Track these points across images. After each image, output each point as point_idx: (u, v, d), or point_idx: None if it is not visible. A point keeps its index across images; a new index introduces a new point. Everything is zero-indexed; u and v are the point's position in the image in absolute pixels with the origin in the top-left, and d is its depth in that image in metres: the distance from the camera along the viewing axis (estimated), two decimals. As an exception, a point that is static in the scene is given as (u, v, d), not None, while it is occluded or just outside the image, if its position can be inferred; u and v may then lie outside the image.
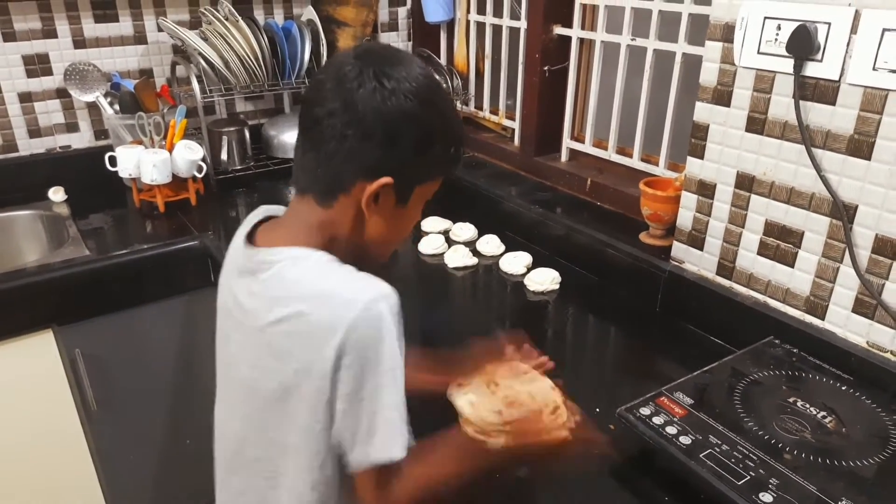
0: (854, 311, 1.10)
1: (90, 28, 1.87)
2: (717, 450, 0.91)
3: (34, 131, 1.88)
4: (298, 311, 0.73)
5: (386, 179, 0.75)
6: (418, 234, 1.76)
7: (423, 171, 0.79)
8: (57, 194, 1.85)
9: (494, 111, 2.09)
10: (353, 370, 0.71)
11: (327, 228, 0.79)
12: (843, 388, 1.06)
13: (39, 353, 1.52)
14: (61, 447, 1.62)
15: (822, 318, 1.14)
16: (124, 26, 1.92)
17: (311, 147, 0.77)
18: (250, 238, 0.83)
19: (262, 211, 0.87)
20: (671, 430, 0.95)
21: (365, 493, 0.76)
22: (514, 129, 2.00)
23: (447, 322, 1.41)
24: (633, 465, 0.99)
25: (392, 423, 0.73)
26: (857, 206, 1.05)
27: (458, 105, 2.10)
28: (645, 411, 0.99)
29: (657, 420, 0.97)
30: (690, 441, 0.93)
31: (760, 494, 0.84)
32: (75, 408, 1.60)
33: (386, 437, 0.73)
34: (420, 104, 0.74)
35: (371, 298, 0.71)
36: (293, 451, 0.78)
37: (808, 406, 1.01)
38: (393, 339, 0.72)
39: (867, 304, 1.08)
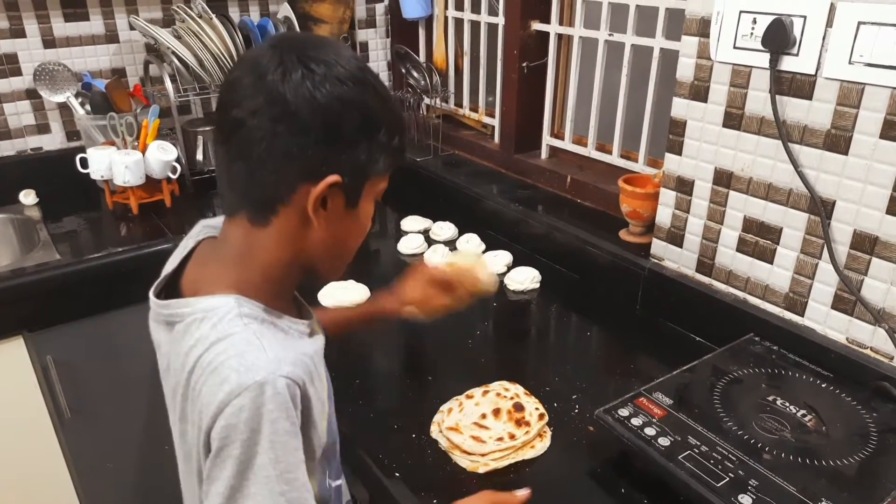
0: (833, 307, 1.09)
1: (60, 27, 1.83)
2: (697, 451, 0.90)
3: (4, 133, 1.84)
4: (192, 378, 0.65)
5: (333, 178, 0.66)
6: (398, 234, 1.73)
7: (372, 164, 0.69)
8: (28, 197, 1.81)
9: (474, 108, 2.07)
10: (221, 462, 0.62)
11: (266, 252, 0.70)
12: (823, 385, 1.05)
13: (10, 360, 1.49)
14: (35, 456, 1.58)
15: (802, 315, 1.14)
16: (95, 25, 1.88)
17: (237, 156, 0.66)
18: (184, 263, 0.77)
19: (200, 227, 0.80)
20: (650, 431, 0.94)
21: None
22: (493, 127, 1.98)
23: (426, 323, 1.38)
24: (612, 467, 0.98)
25: None
26: (834, 202, 1.04)
27: (437, 102, 2.07)
28: (623, 412, 0.97)
29: (636, 421, 0.96)
30: (669, 442, 0.92)
31: (740, 496, 0.82)
32: (48, 415, 1.57)
33: None
34: (357, 87, 0.65)
35: (253, 382, 0.61)
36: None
37: (787, 405, 1.00)
38: (271, 434, 0.62)
39: (846, 301, 1.07)
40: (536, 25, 1.75)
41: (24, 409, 1.53)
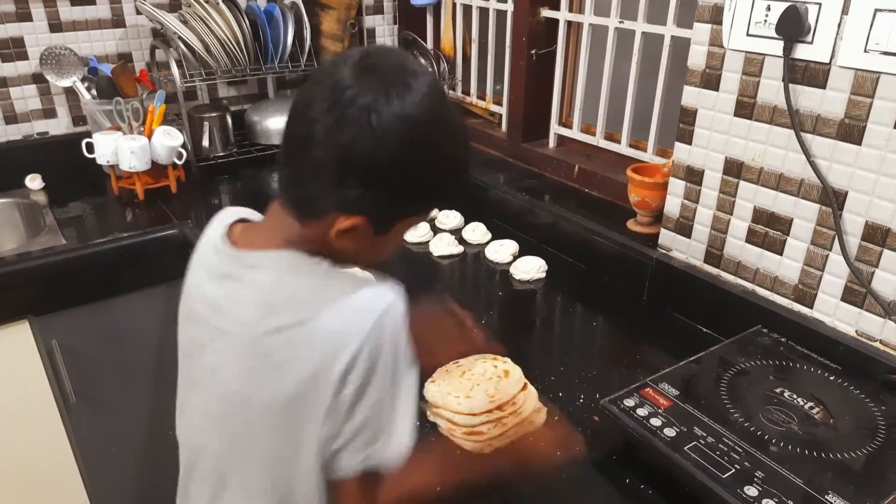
0: (843, 299, 1.08)
1: (66, 11, 1.82)
2: (702, 442, 0.90)
3: (10, 117, 1.84)
4: (300, 319, 0.68)
5: (357, 220, 0.69)
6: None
7: (410, 209, 0.73)
8: (34, 182, 1.81)
9: (482, 96, 2.05)
10: (364, 382, 0.67)
11: (304, 243, 0.73)
12: (832, 377, 1.04)
13: (15, 344, 1.49)
14: (41, 440, 1.59)
15: (811, 307, 1.12)
16: (101, 9, 1.87)
17: (291, 160, 0.71)
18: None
19: (233, 213, 0.81)
20: (655, 421, 0.93)
21: (349, 500, 0.73)
22: (501, 115, 1.97)
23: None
24: (616, 457, 0.97)
25: (402, 432, 0.71)
26: (846, 193, 1.03)
27: (446, 90, 2.06)
28: (629, 402, 0.97)
29: (641, 412, 0.95)
30: (675, 433, 0.91)
31: (745, 488, 0.82)
32: (54, 400, 1.57)
33: (390, 443, 0.70)
34: (415, 146, 0.66)
35: (384, 310, 0.67)
36: (284, 462, 0.72)
37: (795, 396, 0.99)
38: (405, 348, 0.69)
39: (856, 293, 1.06)
40: (546, 12, 1.73)
41: (29, 394, 1.54)
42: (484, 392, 0.97)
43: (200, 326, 0.77)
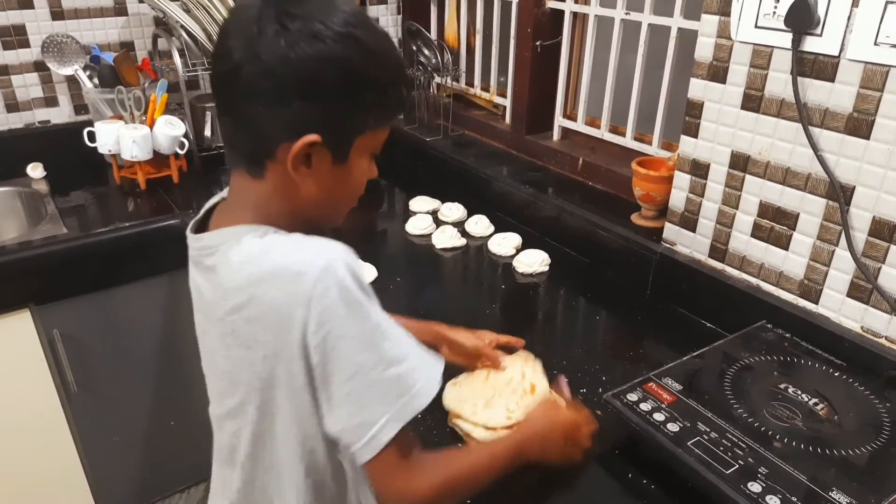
0: (849, 295, 1.07)
1: (68, -2, 1.81)
2: (706, 437, 0.89)
3: (11, 105, 1.83)
4: (251, 294, 0.66)
5: (311, 137, 0.65)
6: (406, 214, 1.72)
7: (358, 121, 0.68)
8: (35, 171, 1.80)
9: (485, 88, 2.04)
10: (326, 350, 0.64)
11: (265, 202, 0.70)
12: (836, 374, 1.03)
13: (17, 333, 1.49)
14: (42, 429, 1.59)
15: (816, 303, 1.12)
16: (104, -3, 1.85)
17: (223, 110, 0.68)
18: (203, 227, 0.77)
19: (217, 196, 0.80)
20: (659, 416, 0.92)
21: (386, 479, 0.69)
22: (505, 107, 1.95)
23: (434, 305, 1.37)
24: (619, 451, 0.97)
25: (398, 380, 0.66)
26: (854, 187, 1.02)
27: (448, 81, 2.04)
28: (632, 397, 0.96)
29: (645, 406, 0.94)
30: (678, 428, 0.90)
31: (749, 483, 0.81)
32: (55, 389, 1.57)
33: (392, 399, 0.65)
34: (338, 43, 0.63)
35: (323, 267, 0.63)
36: (281, 439, 0.73)
37: (799, 393, 0.98)
38: (359, 301, 0.64)
39: (862, 289, 1.05)
40: (551, 3, 1.71)
41: (30, 383, 1.54)
42: (504, 407, 0.96)
43: (197, 310, 0.79)
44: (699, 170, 1.23)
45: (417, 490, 0.69)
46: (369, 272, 1.41)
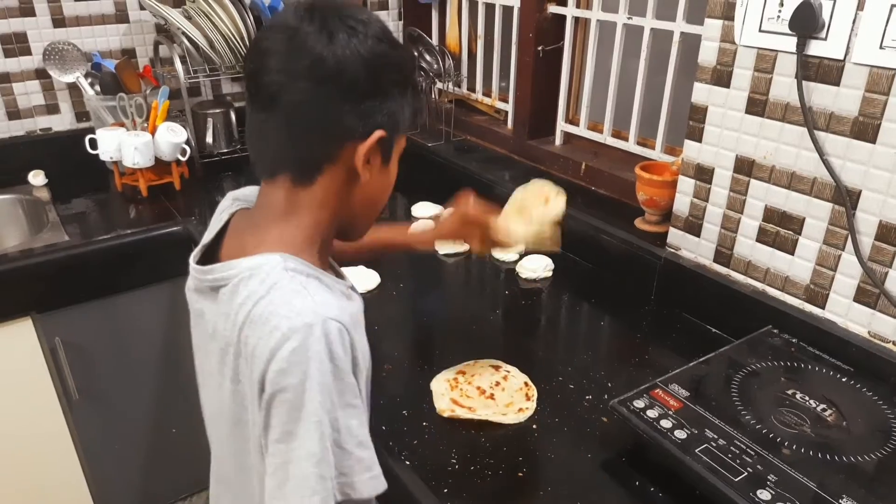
0: (856, 300, 1.06)
1: (69, 6, 1.81)
2: (714, 444, 0.88)
3: (13, 113, 1.83)
4: (243, 334, 0.66)
5: (380, 133, 0.68)
6: (408, 220, 1.71)
7: (403, 119, 0.72)
8: (37, 178, 1.80)
9: (487, 93, 2.04)
10: (274, 409, 0.63)
11: (308, 211, 0.70)
12: (844, 379, 1.02)
13: (18, 341, 1.48)
14: (44, 437, 1.58)
15: (823, 308, 1.11)
16: (105, 4, 1.85)
17: (279, 120, 0.67)
18: (220, 238, 0.77)
19: (230, 200, 0.80)
20: (666, 423, 0.92)
21: None
22: (507, 112, 1.95)
23: (436, 311, 1.37)
24: (626, 458, 0.96)
25: (304, 479, 0.62)
26: (860, 192, 1.01)
27: (450, 86, 2.04)
28: (639, 404, 0.95)
29: (651, 413, 0.94)
30: (686, 435, 0.90)
31: (758, 491, 0.81)
32: (57, 397, 1.56)
33: (294, 494, 0.62)
34: (392, 45, 0.68)
35: (302, 325, 0.62)
36: (257, 473, 0.72)
37: (807, 398, 0.97)
38: (320, 377, 0.62)
39: (869, 293, 1.04)
40: (553, 8, 1.71)
41: (32, 390, 1.53)
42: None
43: (197, 329, 0.78)
44: (703, 174, 1.23)
45: None
46: (372, 279, 1.41)
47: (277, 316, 0.63)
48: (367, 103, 0.67)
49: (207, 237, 0.79)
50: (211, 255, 0.77)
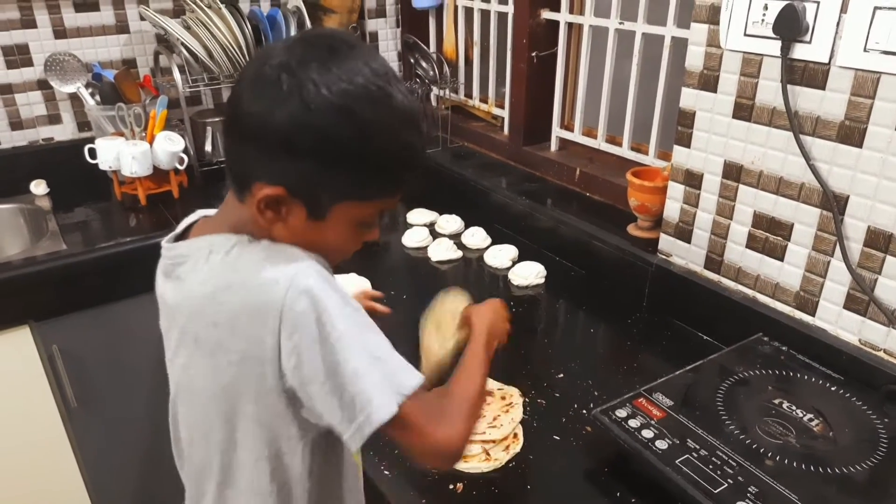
0: (846, 307, 1.04)
1: (70, 18, 1.83)
2: (695, 455, 0.87)
3: (16, 123, 1.85)
4: (221, 300, 0.68)
5: (275, 189, 0.66)
6: (402, 227, 1.71)
7: (336, 190, 0.67)
8: (39, 187, 1.82)
9: (484, 99, 2.03)
10: (303, 353, 0.65)
11: (245, 223, 0.72)
12: (833, 388, 1.01)
13: (16, 349, 1.50)
14: (42, 445, 1.60)
15: (813, 315, 1.09)
16: (105, 15, 1.88)
17: (224, 134, 0.72)
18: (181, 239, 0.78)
19: (197, 214, 0.82)
20: (647, 433, 0.91)
21: (414, 442, 0.68)
22: (504, 118, 1.95)
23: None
24: (608, 469, 0.95)
25: (374, 385, 0.65)
26: (848, 197, 1.00)
27: (447, 93, 2.04)
28: (621, 413, 0.94)
29: (633, 423, 0.93)
30: (667, 445, 0.89)
31: (738, 503, 0.79)
32: (55, 404, 1.58)
33: (372, 402, 0.65)
34: (321, 113, 0.62)
35: (292, 275, 0.65)
36: (243, 446, 0.74)
37: (794, 408, 0.96)
38: (332, 305, 0.65)
39: (859, 300, 1.02)
40: (546, 14, 1.71)
41: (30, 398, 1.54)
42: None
43: (162, 319, 0.80)
44: (693, 180, 1.22)
45: (450, 437, 0.69)
46: (364, 285, 1.40)
47: (264, 273, 0.66)
48: (277, 156, 0.65)
49: (179, 228, 0.81)
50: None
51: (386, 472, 0.94)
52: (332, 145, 0.64)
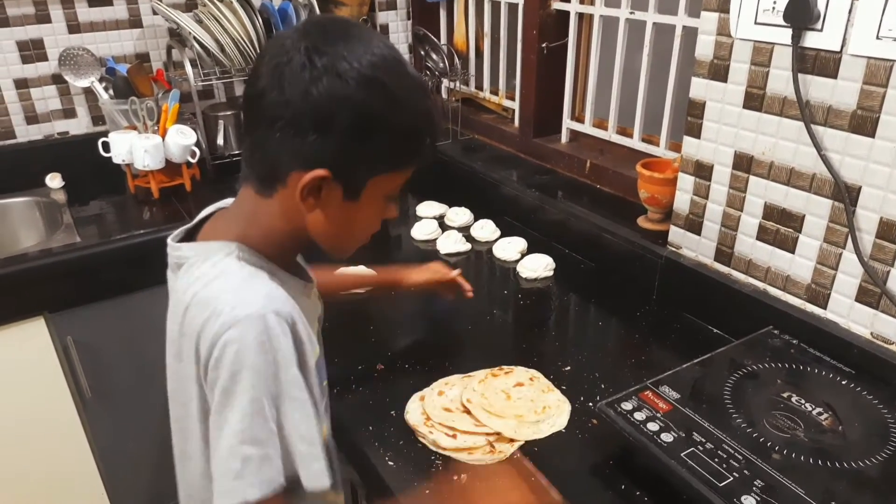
0: (857, 300, 1.03)
1: (84, 12, 1.85)
2: (701, 448, 0.86)
3: (31, 118, 1.87)
4: (191, 313, 0.69)
5: (320, 172, 0.66)
6: (412, 220, 1.71)
7: (372, 163, 0.69)
8: (54, 181, 1.84)
9: (495, 91, 2.02)
10: (213, 391, 0.66)
11: (267, 219, 0.72)
12: (844, 382, 0.99)
13: (31, 340, 1.52)
14: (57, 436, 1.62)
15: (824, 308, 1.07)
16: (118, 10, 1.89)
17: (247, 130, 0.70)
18: (193, 234, 0.79)
19: (214, 206, 0.82)
20: (653, 426, 0.90)
21: None
22: (514, 110, 1.94)
23: (437, 311, 1.36)
24: (614, 462, 0.94)
25: (229, 452, 0.65)
26: (860, 188, 0.98)
27: (457, 85, 2.03)
28: (627, 406, 0.94)
29: (639, 416, 0.92)
30: (672, 438, 0.88)
31: (743, 497, 0.78)
32: (70, 395, 1.60)
33: (229, 476, 0.65)
34: (358, 85, 0.64)
35: (245, 316, 0.64)
36: (195, 460, 0.77)
37: (803, 402, 0.94)
38: (256, 365, 0.64)
39: (871, 293, 1.00)
40: (556, 4, 1.69)
41: (45, 389, 1.57)
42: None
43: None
44: (702, 171, 1.20)
45: None
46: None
47: (221, 302, 0.66)
48: (311, 140, 0.65)
49: (193, 222, 0.82)
50: (190, 237, 0.80)
51: (390, 463, 0.94)
52: (367, 117, 0.66)
